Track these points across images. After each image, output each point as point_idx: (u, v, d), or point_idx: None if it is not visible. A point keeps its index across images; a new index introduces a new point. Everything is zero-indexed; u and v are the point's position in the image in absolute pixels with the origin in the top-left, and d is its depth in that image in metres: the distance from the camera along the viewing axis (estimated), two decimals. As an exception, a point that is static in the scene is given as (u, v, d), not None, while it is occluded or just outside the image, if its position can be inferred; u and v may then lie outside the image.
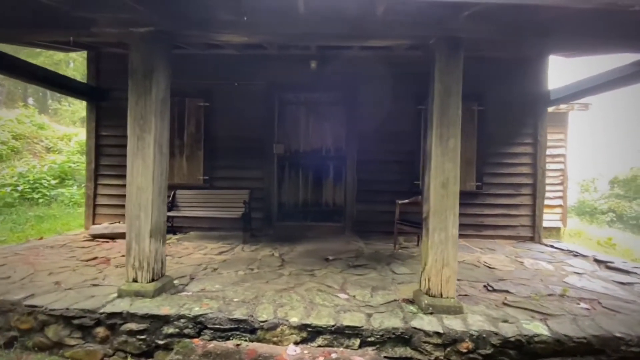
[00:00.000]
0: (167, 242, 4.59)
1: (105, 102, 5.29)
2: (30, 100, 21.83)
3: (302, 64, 4.95)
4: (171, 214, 4.77)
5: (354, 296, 2.72)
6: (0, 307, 2.43)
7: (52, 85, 4.60)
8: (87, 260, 3.56)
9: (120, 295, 2.55)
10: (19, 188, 6.56)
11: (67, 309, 2.36)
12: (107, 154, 5.34)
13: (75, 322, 2.35)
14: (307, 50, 4.73)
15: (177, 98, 5.23)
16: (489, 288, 3.03)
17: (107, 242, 4.45)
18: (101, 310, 2.34)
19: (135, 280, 2.59)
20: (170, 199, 4.97)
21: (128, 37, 2.61)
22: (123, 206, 5.41)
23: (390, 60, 4.88)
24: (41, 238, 4.67)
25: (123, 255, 3.78)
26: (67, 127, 13.66)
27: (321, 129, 5.22)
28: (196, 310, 2.35)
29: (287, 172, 5.28)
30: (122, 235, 4.62)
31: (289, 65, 5.06)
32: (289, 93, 5.23)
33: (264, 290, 2.75)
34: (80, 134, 10.54)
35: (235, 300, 2.55)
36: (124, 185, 5.49)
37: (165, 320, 2.31)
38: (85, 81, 5.35)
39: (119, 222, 4.99)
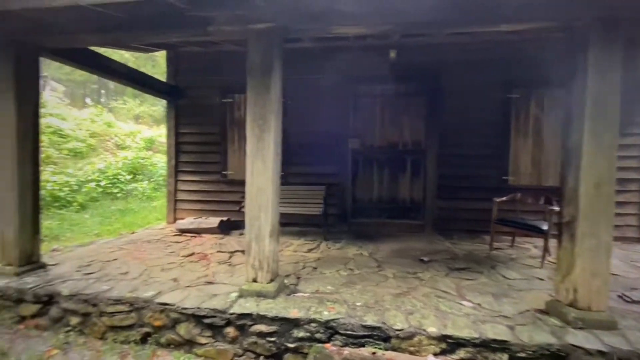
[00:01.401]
0: (249, 237, 4.68)
1: (183, 100, 5.43)
2: (88, 100, 23.40)
3: (378, 54, 4.73)
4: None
5: (479, 304, 2.53)
6: (134, 303, 2.53)
7: (139, 84, 4.76)
8: (187, 256, 3.67)
9: (242, 295, 2.56)
10: (102, 183, 7.03)
11: (198, 307, 2.41)
12: (185, 151, 5.50)
13: (206, 321, 2.39)
14: (385, 39, 4.49)
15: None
16: (627, 299, 2.70)
17: (195, 237, 4.59)
18: (231, 311, 2.36)
19: (255, 280, 2.59)
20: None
21: (245, 35, 2.56)
22: (201, 201, 5.64)
23: (476, 46, 4.52)
24: (133, 232, 4.94)
25: (219, 251, 3.87)
26: (125, 123, 14.48)
27: (398, 122, 4.99)
28: (326, 315, 2.29)
29: (361, 167, 5.14)
30: (206, 231, 4.78)
31: (365, 56, 4.85)
32: (364, 85, 5.05)
33: (381, 295, 2.65)
34: (142, 131, 11.10)
35: (357, 304, 2.46)
36: (201, 182, 5.76)
37: (295, 323, 2.27)
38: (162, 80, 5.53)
39: (202, 217, 5.15)
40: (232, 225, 5.06)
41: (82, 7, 2.31)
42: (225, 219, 5.00)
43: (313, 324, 2.25)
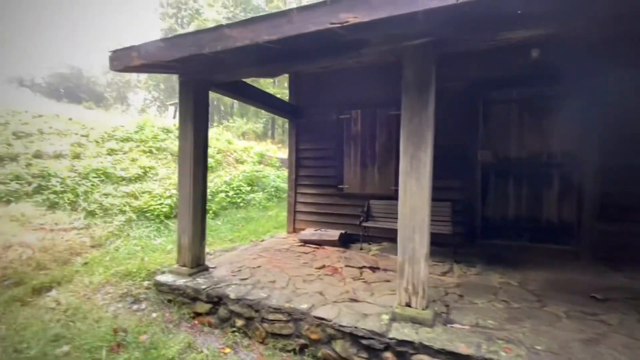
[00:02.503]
0: (369, 253, 4.64)
1: (302, 119, 5.80)
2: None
3: (512, 55, 4.21)
4: (368, 224, 4.80)
5: None
6: (291, 314, 2.68)
7: (269, 106, 5.27)
8: (320, 268, 3.80)
9: (395, 318, 2.47)
10: (229, 194, 8.03)
11: (355, 327, 2.40)
12: (304, 165, 5.85)
13: (363, 342, 2.36)
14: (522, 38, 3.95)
15: (368, 108, 5.31)
16: None
17: (317, 248, 4.77)
18: (390, 335, 2.28)
19: (408, 305, 2.47)
20: (365, 209, 5.03)
21: (398, 52, 2.53)
22: (318, 213, 5.89)
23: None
24: (262, 240, 5.42)
25: (347, 266, 3.91)
26: (238, 140, 16.40)
27: (541, 130, 4.33)
28: (504, 356, 2.02)
29: (492, 182, 4.61)
30: (327, 243, 4.92)
31: (495, 59, 4.38)
32: (495, 90, 4.55)
33: (563, 339, 2.23)
34: (254, 147, 12.38)
35: (538, 348, 2.11)
36: (318, 194, 6.03)
37: (465, 360, 2.06)
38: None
39: (320, 229, 5.35)
40: (350, 239, 5.11)
41: (251, 44, 2.61)
42: (343, 232, 5.08)
43: (489, 366, 2.00)
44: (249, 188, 8.72)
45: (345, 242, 5.00)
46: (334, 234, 5.00)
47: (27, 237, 4.84)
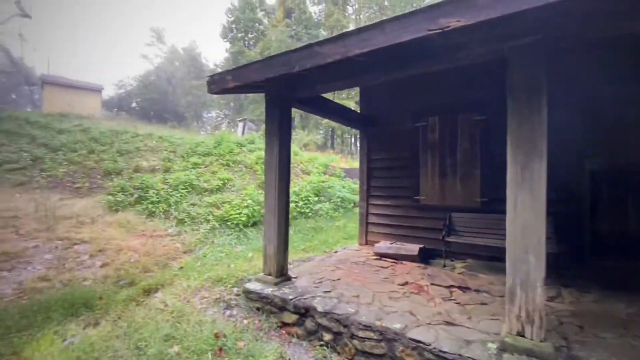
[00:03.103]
0: (454, 270, 4.30)
1: (374, 128, 5.72)
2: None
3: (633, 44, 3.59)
4: (451, 239, 4.47)
5: None
6: (384, 333, 2.57)
7: (342, 118, 5.30)
8: (403, 285, 3.62)
9: (505, 348, 2.20)
10: (299, 204, 8.28)
11: (459, 355, 2.20)
12: (376, 176, 5.73)
13: (469, 372, 2.14)
14: None
15: (447, 114, 5.02)
16: None
17: (396, 263, 4.58)
18: (503, 368, 2.03)
19: (521, 335, 2.19)
20: (447, 222, 4.70)
21: (501, 54, 2.32)
22: (392, 225, 5.70)
23: None
24: (336, 251, 5.42)
25: (432, 284, 3.67)
26: (301, 151, 16.93)
27: (673, 131, 3.60)
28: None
29: (605, 193, 3.95)
30: (405, 257, 4.70)
31: (607, 50, 3.80)
32: (608, 87, 3.93)
33: None
34: (318, 157, 12.65)
35: None
36: (392, 206, 5.86)
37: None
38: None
39: (395, 242, 5.15)
40: (429, 254, 4.82)
41: (342, 59, 2.63)
42: (422, 246, 4.81)
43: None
44: (316, 198, 8.87)
45: (424, 257, 4.73)
46: (412, 248, 4.76)
47: (133, 242, 5.55)
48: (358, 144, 31.86)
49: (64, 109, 16.95)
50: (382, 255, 4.88)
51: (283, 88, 3.58)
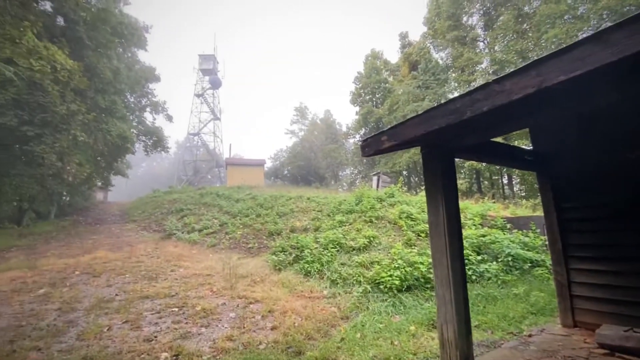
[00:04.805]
0: None
1: (558, 168, 4.46)
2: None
3: None
4: None
5: None
6: None
7: (512, 161, 4.38)
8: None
9: None
10: (458, 265, 7.14)
11: None
12: (575, 229, 4.29)
13: None
14: None
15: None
16: None
17: (647, 365, 3.00)
18: None
19: None
20: None
21: None
22: (617, 302, 3.98)
23: None
24: (530, 335, 4.09)
25: None
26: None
27: None
28: None
29: None
30: (664, 358, 3.05)
31: None
32: None
33: None
34: (470, 206, 11.10)
35: None
36: (611, 272, 4.18)
37: None
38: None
39: (634, 329, 3.48)
40: None
41: (535, 91, 2.06)
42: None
43: None
44: (478, 257, 7.46)
45: None
46: (674, 343, 3.07)
47: (295, 304, 5.79)
48: (515, 188, 27.03)
49: (240, 182, 21.60)
50: (613, 349, 3.33)
51: (445, 138, 3.18)
